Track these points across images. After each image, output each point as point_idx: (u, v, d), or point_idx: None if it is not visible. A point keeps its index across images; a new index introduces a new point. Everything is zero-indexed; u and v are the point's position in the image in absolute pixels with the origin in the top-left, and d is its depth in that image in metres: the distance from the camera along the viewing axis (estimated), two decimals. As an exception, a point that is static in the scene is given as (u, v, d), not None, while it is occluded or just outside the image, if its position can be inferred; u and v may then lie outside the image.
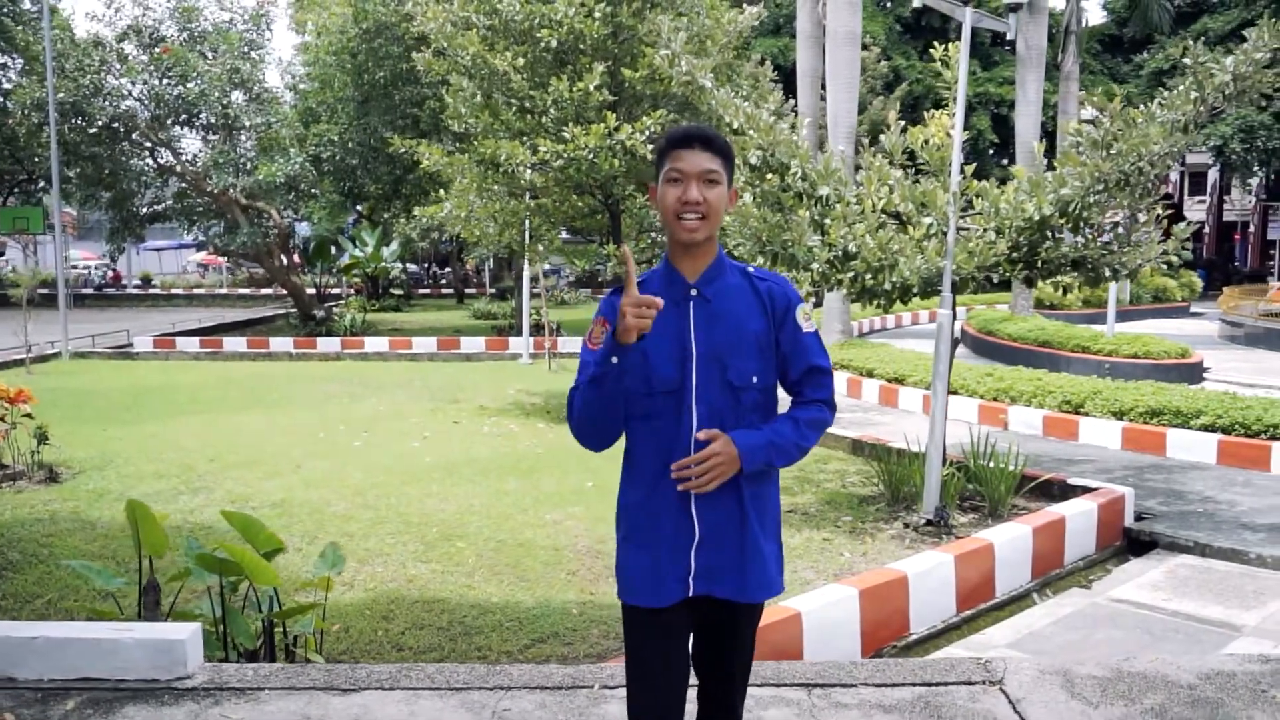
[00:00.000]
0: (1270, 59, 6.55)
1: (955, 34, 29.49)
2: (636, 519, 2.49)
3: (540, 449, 10.46)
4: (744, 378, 2.42)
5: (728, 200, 2.47)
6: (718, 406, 2.40)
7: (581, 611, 5.87)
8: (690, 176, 2.35)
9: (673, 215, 2.38)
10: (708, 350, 2.40)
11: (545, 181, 11.15)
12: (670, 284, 2.45)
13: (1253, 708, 3.14)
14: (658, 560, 2.43)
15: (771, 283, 2.50)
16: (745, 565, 2.44)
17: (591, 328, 2.47)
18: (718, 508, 2.43)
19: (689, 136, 2.40)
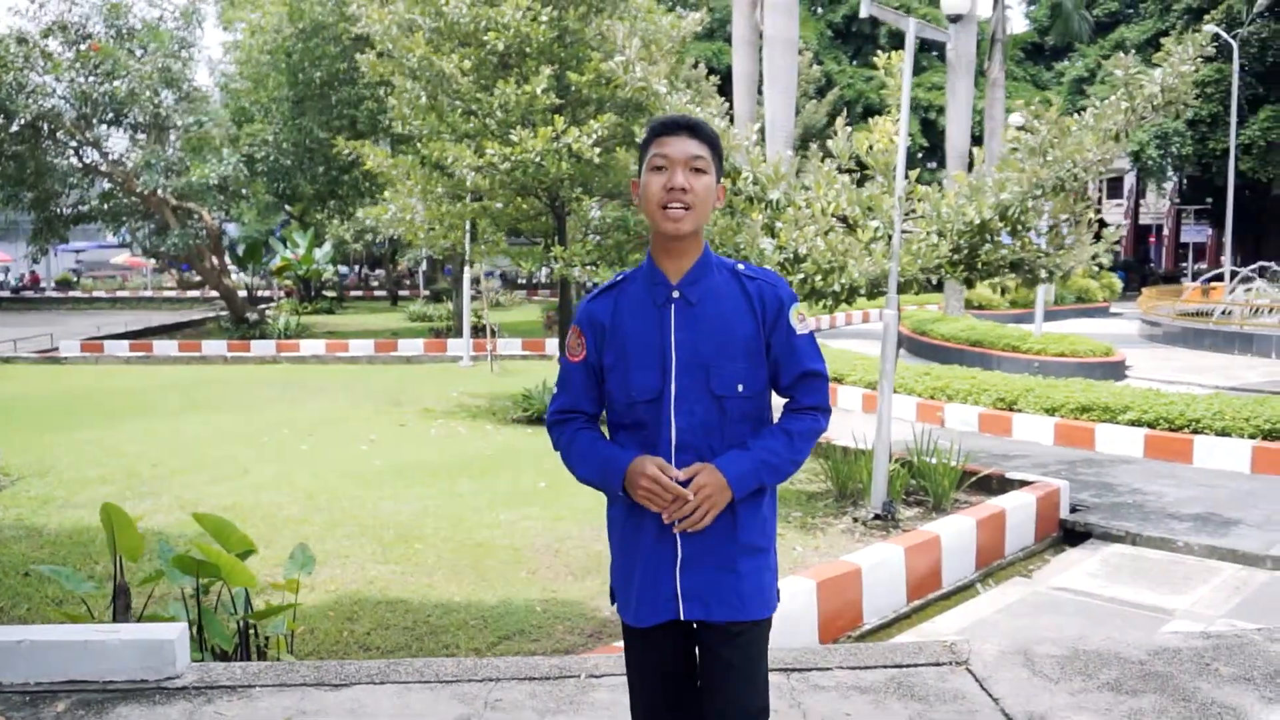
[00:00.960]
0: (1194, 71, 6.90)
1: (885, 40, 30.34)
2: (622, 532, 2.36)
3: (490, 450, 10.50)
4: (728, 386, 2.24)
5: (715, 195, 2.30)
6: (700, 417, 2.24)
7: (545, 609, 5.95)
8: (676, 163, 2.20)
9: (656, 205, 2.21)
10: (689, 356, 2.24)
11: (491, 184, 11.19)
12: (652, 284, 2.31)
13: (1199, 679, 3.36)
14: (642, 578, 2.29)
15: (762, 281, 2.31)
16: (740, 581, 2.27)
17: (569, 338, 2.39)
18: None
19: (675, 123, 2.26)
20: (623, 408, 2.31)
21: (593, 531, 7.39)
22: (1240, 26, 34.01)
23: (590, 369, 2.36)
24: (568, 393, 2.40)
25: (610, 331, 2.32)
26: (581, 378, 2.37)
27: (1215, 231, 45.91)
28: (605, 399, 2.36)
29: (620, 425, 2.34)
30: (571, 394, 2.39)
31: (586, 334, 2.35)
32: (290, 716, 3.19)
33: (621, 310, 2.33)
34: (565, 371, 2.40)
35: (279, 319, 23.76)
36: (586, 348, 2.35)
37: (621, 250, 12.01)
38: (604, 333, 2.33)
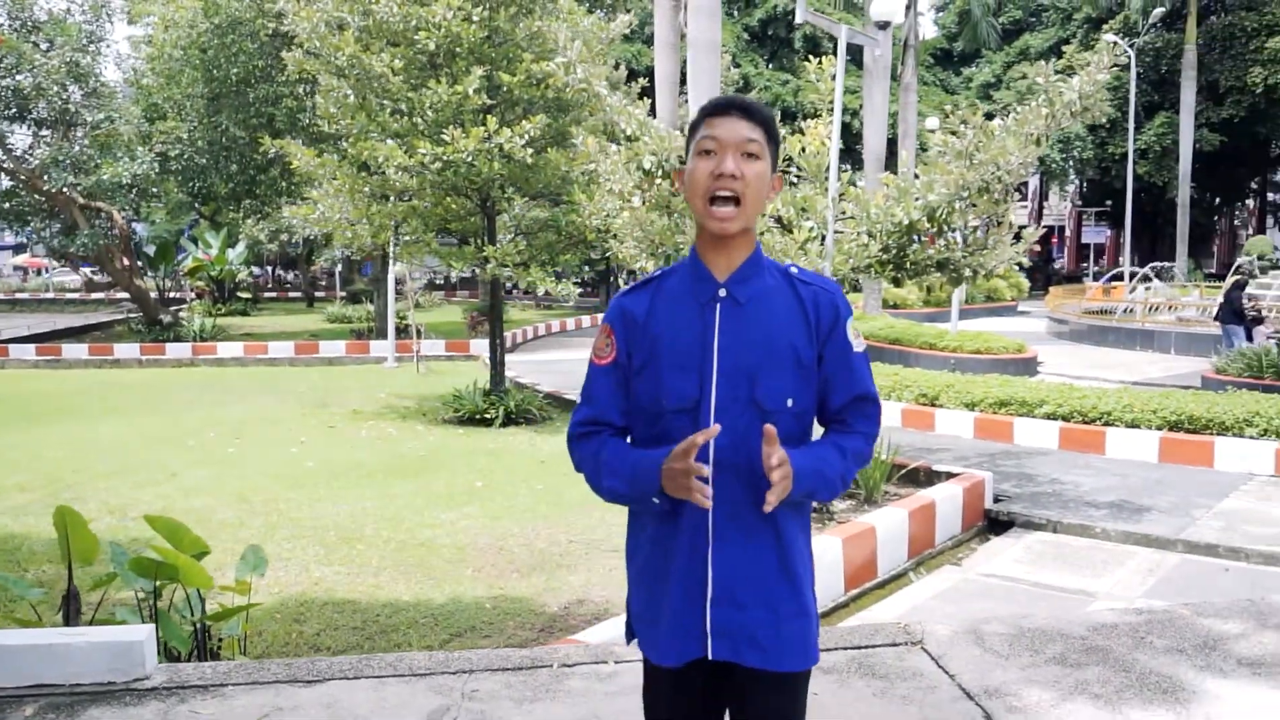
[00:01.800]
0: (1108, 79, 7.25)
1: (801, 44, 30.81)
2: (648, 559, 2.09)
3: (423, 451, 10.47)
4: (776, 399, 1.99)
5: (770, 186, 2.04)
6: (741, 431, 1.97)
7: (494, 606, 6.00)
8: (726, 146, 1.96)
9: (703, 196, 1.98)
10: (733, 363, 1.98)
11: (420, 183, 11.14)
12: (696, 281, 2.04)
13: (1136, 651, 3.59)
14: (669, 611, 2.03)
15: (818, 288, 2.07)
16: (779, 624, 2.01)
17: (597, 339, 2.13)
18: (739, 551, 2.00)
19: (727, 103, 2.01)
20: (651, 417, 2.04)
21: (534, 530, 7.45)
22: (1136, 36, 35.44)
23: (621, 373, 2.08)
24: (593, 402, 2.10)
25: (644, 328, 2.05)
26: (610, 384, 2.09)
27: (1114, 232, 47.75)
28: (634, 408, 2.08)
29: (647, 439, 2.05)
30: (598, 403, 2.10)
31: (617, 332, 2.08)
32: (267, 713, 3.20)
33: (659, 307, 2.06)
34: (591, 378, 2.11)
35: (193, 321, 23.18)
36: (617, 348, 2.08)
37: (552, 250, 12.06)
38: (637, 329, 2.06)
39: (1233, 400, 10.07)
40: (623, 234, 7.88)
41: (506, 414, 11.91)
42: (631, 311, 2.08)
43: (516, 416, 12.02)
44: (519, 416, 12.04)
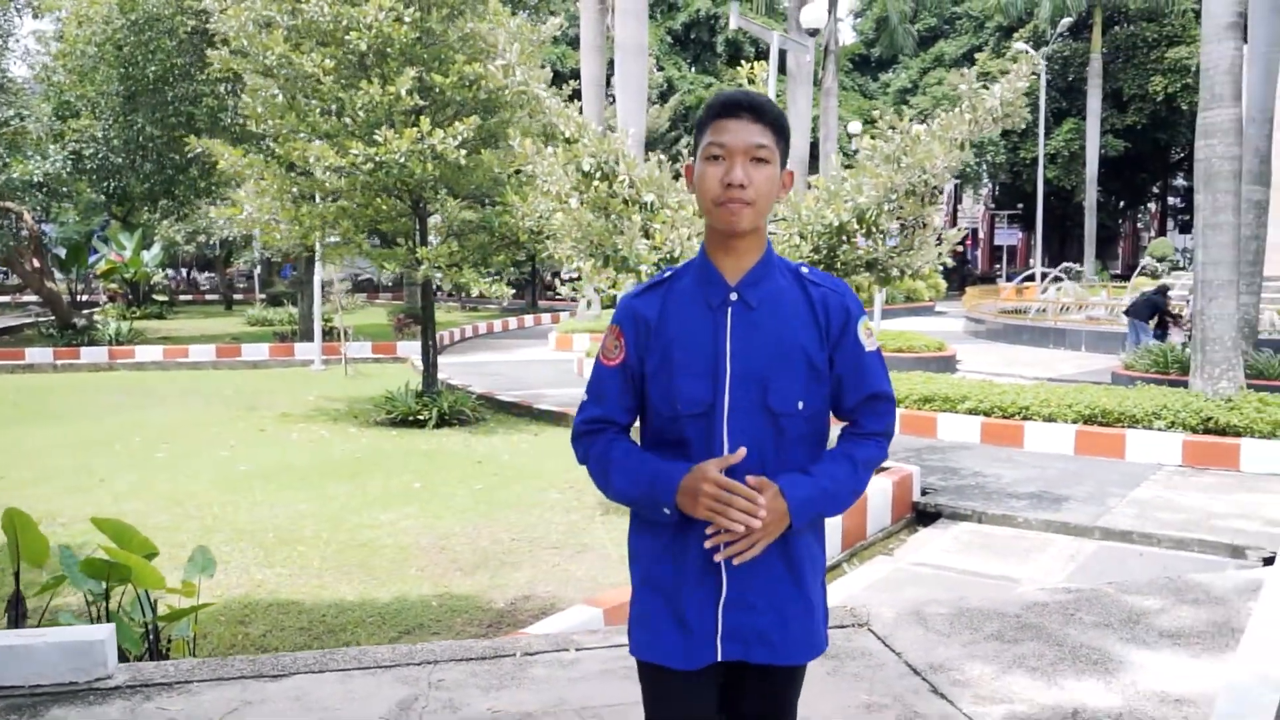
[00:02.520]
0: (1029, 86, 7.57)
1: (723, 48, 31.21)
2: (657, 564, 2.07)
3: (358, 453, 10.41)
4: (788, 402, 2.00)
5: (780, 185, 2.03)
6: (755, 435, 1.99)
7: (441, 603, 6.04)
8: (735, 153, 1.94)
9: (712, 201, 1.97)
10: (745, 367, 1.99)
11: (351, 184, 11.09)
12: (706, 284, 2.04)
13: (1067, 627, 3.82)
14: (681, 617, 2.03)
15: (828, 289, 2.08)
16: (787, 623, 2.04)
17: (605, 339, 2.14)
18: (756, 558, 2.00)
19: (735, 103, 1.98)
20: (665, 421, 2.05)
21: (475, 529, 7.50)
22: (1045, 45, 36.63)
23: (629, 374, 2.09)
24: (601, 401, 2.11)
25: (655, 333, 2.06)
26: (618, 384, 2.09)
27: (1026, 234, 49.25)
28: (645, 411, 2.10)
29: (660, 442, 2.07)
30: (605, 403, 2.10)
31: (627, 333, 2.08)
32: (235, 708, 3.23)
33: (669, 310, 2.06)
34: (598, 377, 2.12)
35: (108, 324, 22.55)
36: (626, 349, 2.08)
37: (485, 251, 12.09)
38: (649, 333, 2.06)
39: (1142, 395, 10.56)
40: (560, 235, 7.97)
41: (440, 415, 11.90)
42: (642, 314, 2.08)
43: (450, 418, 12.01)
44: (452, 418, 12.04)
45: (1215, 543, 6.98)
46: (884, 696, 3.28)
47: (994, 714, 3.19)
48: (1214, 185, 10.34)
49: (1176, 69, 37.15)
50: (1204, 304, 10.56)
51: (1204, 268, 10.55)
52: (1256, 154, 12.73)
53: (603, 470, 2.08)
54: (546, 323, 29.63)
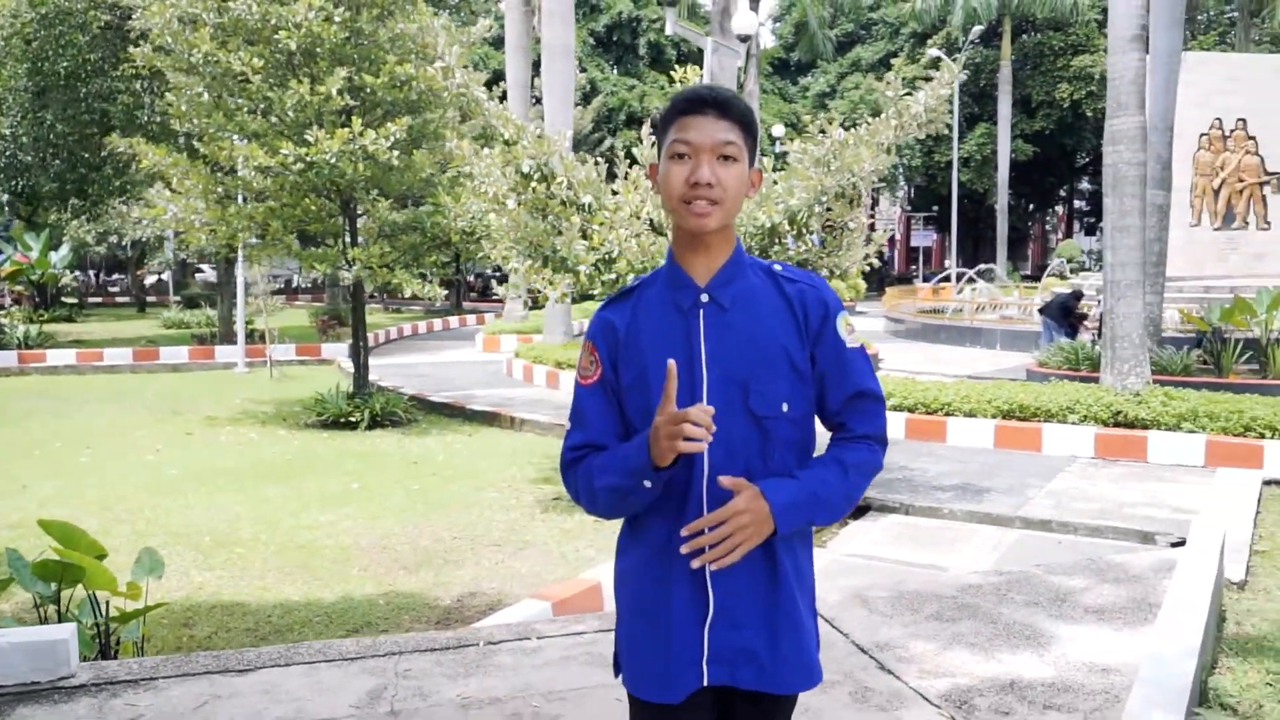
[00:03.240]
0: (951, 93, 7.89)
1: (646, 51, 31.43)
2: (640, 587, 1.96)
3: (289, 455, 10.33)
4: (771, 405, 1.89)
5: (749, 183, 1.94)
6: (738, 444, 1.88)
7: (387, 602, 6.08)
8: (701, 150, 1.85)
9: (678, 200, 1.88)
10: (722, 371, 1.89)
11: (281, 184, 10.99)
12: (675, 287, 1.95)
13: (1000, 606, 4.05)
14: (666, 643, 1.91)
15: (804, 285, 1.98)
16: (777, 645, 1.91)
17: (580, 358, 2.02)
18: (738, 570, 1.89)
19: (700, 99, 1.88)
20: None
21: (415, 528, 7.53)
22: (958, 52, 37.65)
23: (608, 391, 1.97)
24: (583, 426, 1.98)
25: (627, 343, 1.96)
26: (598, 404, 1.97)
27: (941, 236, 50.51)
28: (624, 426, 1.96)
29: None
30: (588, 427, 1.97)
31: (600, 348, 1.98)
32: (205, 702, 3.27)
33: (640, 318, 1.97)
34: (577, 400, 2.00)
35: (15, 328, 21.82)
36: (601, 365, 1.97)
37: (417, 251, 12.07)
38: (621, 345, 1.96)
39: (1056, 390, 11.00)
40: (498, 236, 8.04)
41: (372, 417, 11.85)
42: (613, 324, 1.99)
43: (382, 419, 11.97)
44: (384, 419, 12.00)
45: (1127, 529, 7.33)
46: (835, 674, 3.47)
47: (938, 686, 3.40)
48: (1121, 190, 10.84)
49: (1081, 76, 38.54)
50: (1113, 303, 11.06)
51: (1113, 268, 11.04)
52: (1159, 160, 13.34)
53: (587, 482, 1.94)
54: (472, 324, 29.51)
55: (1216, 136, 22.42)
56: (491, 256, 8.67)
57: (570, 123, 17.62)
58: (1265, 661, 4.11)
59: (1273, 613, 4.96)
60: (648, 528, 1.93)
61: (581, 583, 5.74)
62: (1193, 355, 13.41)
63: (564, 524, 7.65)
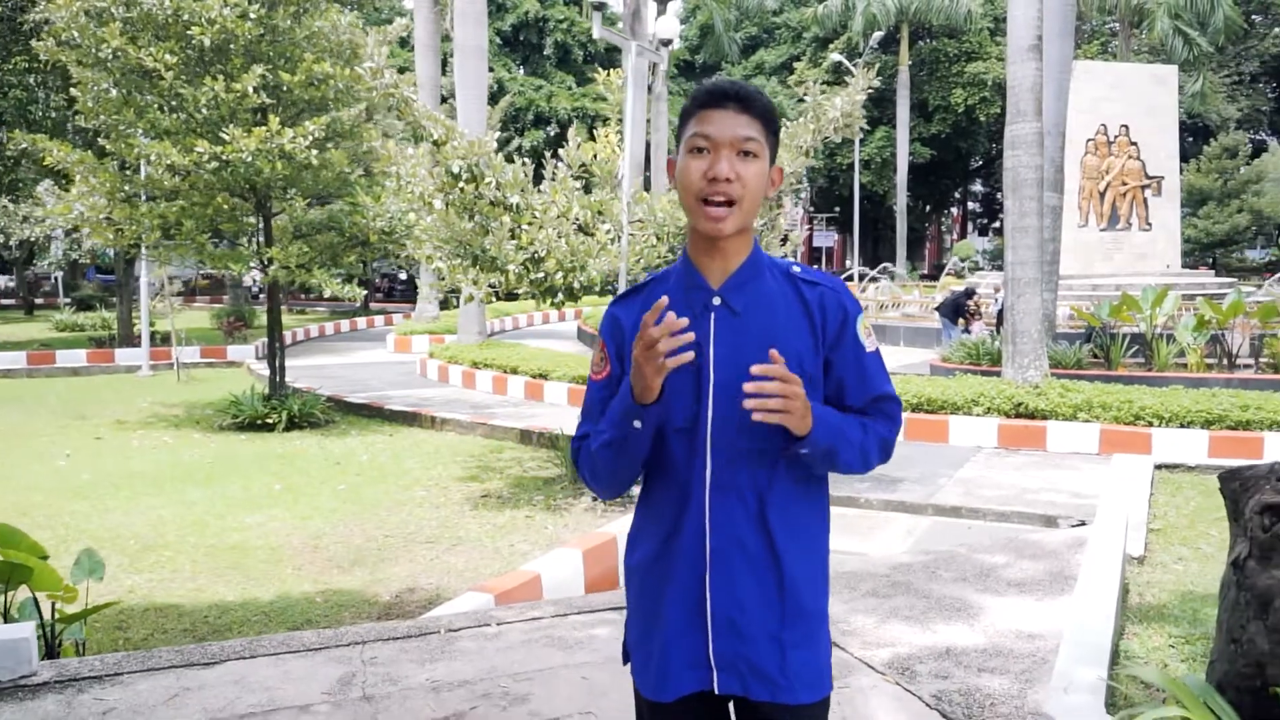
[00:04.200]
0: (866, 98, 8.23)
1: (552, 51, 31.48)
2: (644, 583, 1.95)
3: (208, 459, 10.17)
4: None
5: (770, 183, 1.90)
6: (740, 451, 1.85)
7: (325, 599, 6.11)
8: (720, 145, 1.80)
9: (695, 198, 1.83)
10: (731, 376, 1.82)
11: (194, 182, 10.80)
12: (689, 289, 1.90)
13: (931, 583, 4.32)
14: (663, 641, 1.89)
15: (824, 288, 1.92)
16: (784, 654, 1.86)
17: (594, 353, 2.01)
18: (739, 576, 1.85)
19: (722, 93, 1.83)
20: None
21: (345, 528, 7.54)
22: (859, 56, 38.63)
23: (616, 387, 1.94)
24: (590, 420, 1.99)
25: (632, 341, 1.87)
26: (607, 400, 1.95)
27: (843, 236, 51.70)
28: None
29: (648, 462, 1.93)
30: (595, 421, 1.97)
31: (609, 345, 1.97)
32: (176, 694, 3.31)
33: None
34: (589, 394, 2.00)
35: (-104, 331, 20.84)
36: (611, 361, 1.96)
37: (334, 251, 11.97)
38: (625, 342, 1.94)
39: (960, 384, 11.49)
40: (423, 235, 8.07)
41: (290, 419, 11.72)
42: (622, 322, 1.97)
43: (300, 421, 11.85)
44: (302, 421, 11.88)
45: (1032, 514, 7.74)
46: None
47: (881, 655, 3.64)
48: (1020, 192, 11.38)
49: (975, 82, 39.92)
50: (1013, 300, 11.60)
51: (1012, 267, 11.58)
52: (1053, 164, 14.00)
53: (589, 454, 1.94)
54: (381, 325, 29.17)
55: (1102, 142, 23.54)
56: (416, 256, 8.71)
57: (484, 122, 17.63)
58: (1167, 626, 4.47)
59: (1170, 584, 5.36)
60: (658, 516, 1.92)
61: (522, 575, 5.85)
62: (1085, 349, 14.10)
63: (496, 520, 7.74)
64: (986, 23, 38.87)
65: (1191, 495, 8.04)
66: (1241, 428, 9.44)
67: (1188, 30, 32.64)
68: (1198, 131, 44.26)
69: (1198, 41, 32.99)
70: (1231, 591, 2.94)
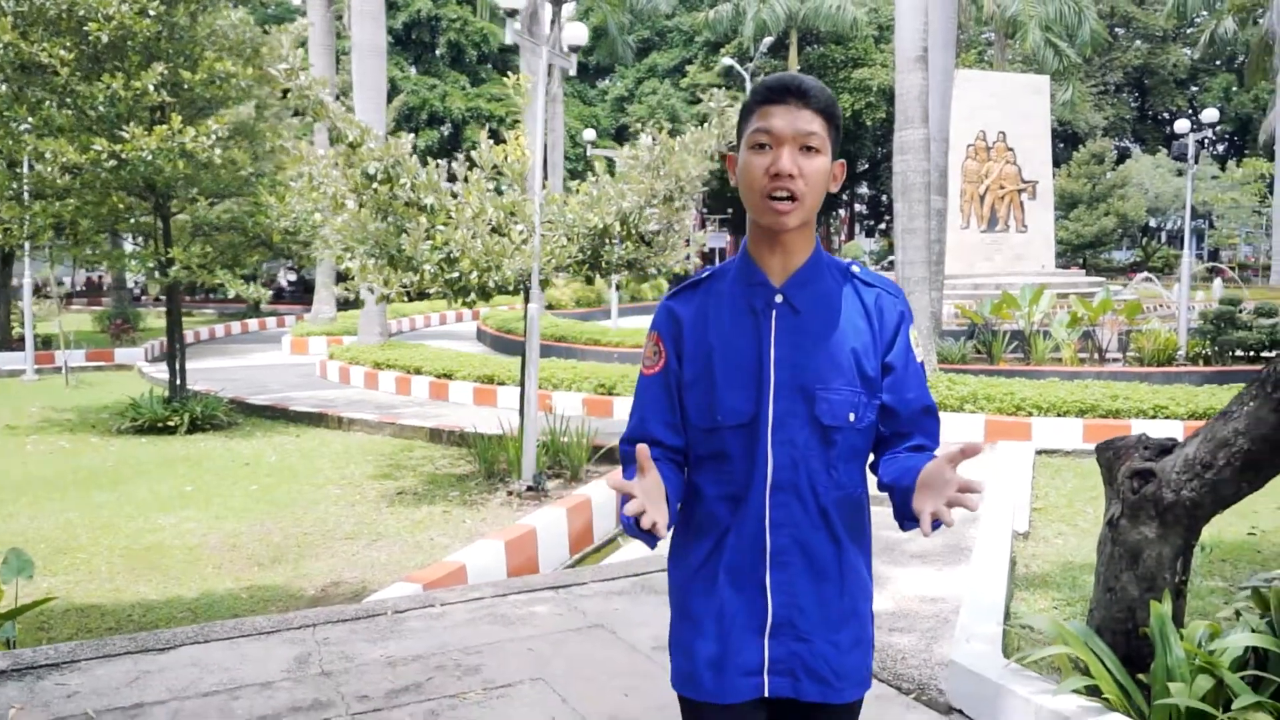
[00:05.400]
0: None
1: (445, 50, 31.34)
2: (694, 587, 1.91)
3: (110, 462, 10.01)
4: (838, 415, 1.84)
5: (832, 176, 1.88)
6: (802, 449, 1.82)
7: (250, 595, 6.17)
8: (783, 141, 1.79)
9: (759, 194, 1.81)
10: (791, 376, 1.83)
11: (91, 180, 10.59)
12: (749, 284, 1.89)
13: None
14: (722, 645, 1.86)
15: (881, 290, 1.92)
16: (842, 656, 1.87)
17: (645, 347, 1.99)
18: (799, 577, 1.85)
19: (784, 88, 1.81)
20: (703, 434, 1.89)
21: (262, 526, 7.58)
22: (750, 61, 39.48)
23: (670, 381, 1.93)
24: (639, 413, 1.96)
25: (692, 336, 1.91)
26: (657, 394, 1.93)
27: (734, 237, 52.55)
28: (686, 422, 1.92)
29: (700, 456, 1.91)
30: (641, 418, 1.95)
31: (666, 339, 1.94)
32: (137, 677, 3.42)
33: (709, 312, 1.92)
34: (639, 391, 1.97)
35: None
36: (666, 355, 1.93)
37: (237, 251, 11.86)
38: (687, 337, 1.92)
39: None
40: (334, 235, 8.12)
41: (192, 421, 11.57)
42: (680, 315, 1.95)
43: (202, 424, 11.71)
44: (205, 424, 11.74)
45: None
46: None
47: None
48: (909, 196, 11.99)
49: (861, 88, 41.18)
50: (904, 298, 12.20)
51: (903, 266, 12.19)
52: (938, 169, 14.73)
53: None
54: (272, 327, 28.62)
55: (981, 147, 24.68)
56: (325, 256, 8.76)
57: (383, 122, 17.59)
58: (1050, 592, 4.93)
59: (1052, 555, 5.86)
60: (710, 517, 1.88)
61: (447, 565, 6.03)
62: (969, 345, 14.87)
63: (413, 516, 7.87)
64: (871, 30, 40.15)
65: (1069, 478, 8.66)
66: (1112, 416, 10.17)
67: (1058, 42, 34.38)
68: (1068, 138, 46.59)
69: (1067, 53, 34.79)
70: (1107, 547, 3.36)
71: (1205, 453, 3.17)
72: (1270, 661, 3.03)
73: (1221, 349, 13.75)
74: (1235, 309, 13.98)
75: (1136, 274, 31.29)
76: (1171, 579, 3.25)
